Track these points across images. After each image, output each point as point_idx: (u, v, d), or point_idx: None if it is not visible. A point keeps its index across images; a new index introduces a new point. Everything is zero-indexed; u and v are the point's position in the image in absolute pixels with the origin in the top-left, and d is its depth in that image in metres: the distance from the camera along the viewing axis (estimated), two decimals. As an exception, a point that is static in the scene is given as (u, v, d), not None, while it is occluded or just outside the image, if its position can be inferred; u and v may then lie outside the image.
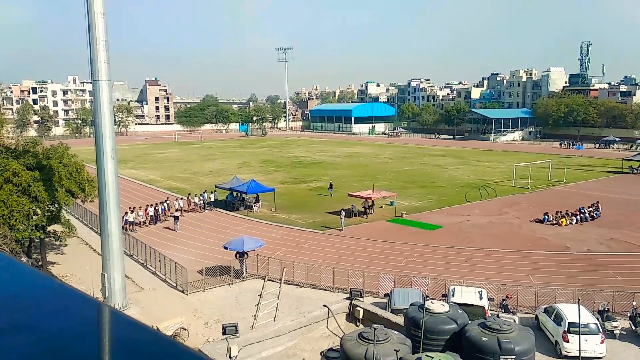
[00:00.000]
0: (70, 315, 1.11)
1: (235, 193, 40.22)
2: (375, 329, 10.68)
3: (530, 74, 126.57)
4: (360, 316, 15.35)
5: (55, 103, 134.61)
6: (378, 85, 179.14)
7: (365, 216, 36.05)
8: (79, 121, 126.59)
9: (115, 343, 0.98)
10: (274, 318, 19.70)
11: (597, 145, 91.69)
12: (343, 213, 33.55)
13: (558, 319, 17.97)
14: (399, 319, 14.29)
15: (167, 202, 37.55)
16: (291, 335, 14.09)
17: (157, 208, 36.04)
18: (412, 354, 10.85)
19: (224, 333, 13.15)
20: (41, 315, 1.10)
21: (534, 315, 19.94)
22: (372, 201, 36.62)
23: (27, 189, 22.61)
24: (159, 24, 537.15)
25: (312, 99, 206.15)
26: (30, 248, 26.19)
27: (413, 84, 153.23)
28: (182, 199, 39.33)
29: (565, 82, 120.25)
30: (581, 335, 15.30)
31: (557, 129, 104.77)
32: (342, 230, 32.63)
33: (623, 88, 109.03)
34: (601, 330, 17.28)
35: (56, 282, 1.24)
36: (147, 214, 35.42)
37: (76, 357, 0.93)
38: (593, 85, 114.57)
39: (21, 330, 1.02)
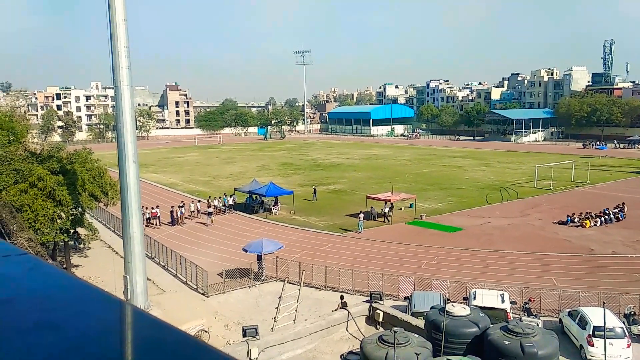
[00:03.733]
0: (98, 315, 1.13)
1: (254, 196, 40.45)
2: (395, 332, 10.61)
3: (552, 74, 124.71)
4: (380, 319, 15.27)
5: (78, 109, 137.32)
6: (396, 86, 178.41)
7: (385, 219, 35.81)
8: (102, 126, 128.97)
9: (142, 342, 1.00)
10: (294, 320, 19.74)
11: (621, 145, 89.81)
12: (362, 215, 33.48)
13: (583, 322, 17.63)
14: (420, 322, 14.16)
15: (183, 205, 38.00)
16: (311, 338, 14.08)
17: (174, 210, 36.47)
18: (433, 357, 10.75)
19: (244, 335, 13.22)
20: (69, 314, 1.13)
21: (557, 319, 19.60)
22: (392, 204, 36.45)
23: (52, 193, 23.09)
24: (179, 30, 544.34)
25: (331, 101, 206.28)
26: (55, 251, 26.72)
27: (432, 85, 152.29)
28: (199, 201, 39.88)
29: (588, 82, 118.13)
30: (607, 340, 14.96)
31: (580, 129, 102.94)
32: (360, 232, 32.55)
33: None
34: (627, 334, 16.90)
35: (83, 283, 1.27)
36: (155, 215, 35.96)
37: (103, 355, 0.95)
38: (617, 84, 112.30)
39: (50, 329, 1.05)
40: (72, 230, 26.95)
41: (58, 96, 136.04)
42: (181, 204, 37.76)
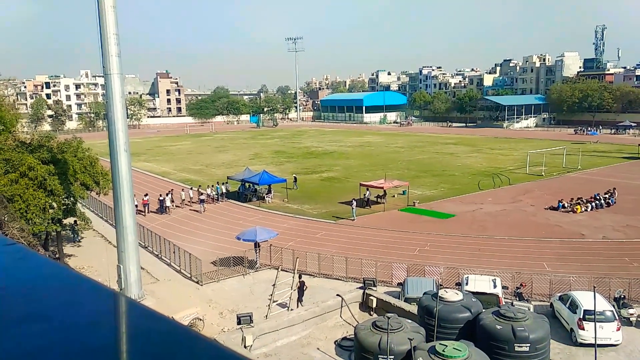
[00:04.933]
0: (88, 305, 1.12)
1: (247, 184, 40.40)
2: (388, 318, 10.68)
3: (544, 60, 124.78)
4: (374, 305, 15.36)
5: (68, 97, 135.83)
6: (389, 73, 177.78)
7: (368, 206, 35.86)
8: (92, 115, 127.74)
9: (133, 332, 0.99)
10: (288, 308, 19.82)
11: (612, 131, 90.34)
12: (354, 203, 33.53)
13: (573, 306, 17.85)
14: (413, 308, 14.29)
15: (172, 193, 38.15)
16: (305, 325, 14.16)
17: (163, 199, 36.41)
18: (425, 342, 10.85)
19: (239, 323, 13.26)
20: (59, 305, 1.12)
21: (549, 303, 19.84)
22: (384, 190, 36.54)
23: (43, 182, 22.91)
24: (169, 17, 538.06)
25: (323, 88, 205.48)
26: (47, 241, 26.59)
27: (424, 71, 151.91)
28: (191, 189, 39.82)
29: (580, 67, 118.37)
30: (597, 323, 15.17)
31: (572, 115, 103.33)
32: (354, 220, 32.63)
33: (639, 72, 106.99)
34: (617, 318, 17.14)
35: (73, 273, 1.26)
36: (145, 202, 36.02)
37: (94, 345, 0.94)
38: (608, 70, 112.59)
39: (39, 320, 1.03)
40: (70, 222, 26.84)
41: (47, 85, 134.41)
42: (168, 192, 37.68)
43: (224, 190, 40.31)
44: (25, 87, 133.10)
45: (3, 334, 0.96)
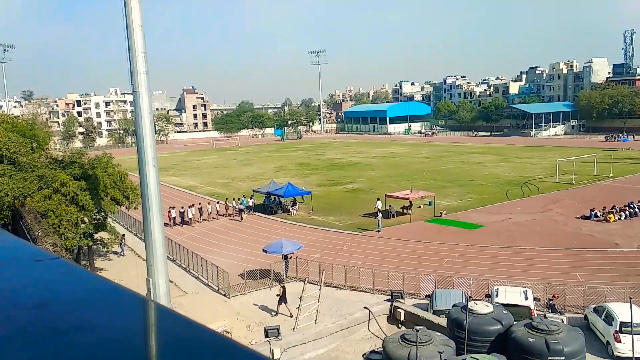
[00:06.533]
0: (130, 316, 1.16)
1: (272, 197, 40.62)
2: (417, 331, 10.56)
3: (571, 66, 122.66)
4: (402, 318, 15.21)
5: (98, 114, 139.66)
6: (412, 84, 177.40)
7: (391, 216, 35.64)
8: (121, 131, 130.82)
9: (174, 341, 1.03)
10: (315, 320, 19.76)
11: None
12: (380, 214, 33.35)
13: (609, 318, 17.31)
14: (442, 321, 14.08)
15: (200, 206, 38.93)
16: (332, 338, 14.09)
17: (184, 211, 37.02)
18: (456, 355, 10.67)
19: (266, 336, 13.30)
20: (103, 316, 1.16)
21: (583, 315, 19.28)
22: (410, 201, 36.27)
23: (75, 198, 23.50)
24: (194, 34, 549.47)
25: (346, 100, 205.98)
26: (79, 255, 27.19)
27: (448, 81, 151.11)
28: (218, 202, 40.25)
29: (609, 73, 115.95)
30: (634, 335, 14.67)
31: (602, 121, 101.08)
32: (379, 231, 32.44)
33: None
34: (656, 330, 16.54)
35: (114, 285, 1.31)
36: (170, 216, 36.53)
37: (138, 355, 0.98)
38: (639, 75, 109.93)
39: (86, 331, 1.08)
40: (118, 236, 27.48)
41: (78, 103, 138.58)
42: (190, 205, 38.35)
43: (250, 204, 40.63)
44: (57, 105, 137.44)
45: (53, 344, 1.00)
